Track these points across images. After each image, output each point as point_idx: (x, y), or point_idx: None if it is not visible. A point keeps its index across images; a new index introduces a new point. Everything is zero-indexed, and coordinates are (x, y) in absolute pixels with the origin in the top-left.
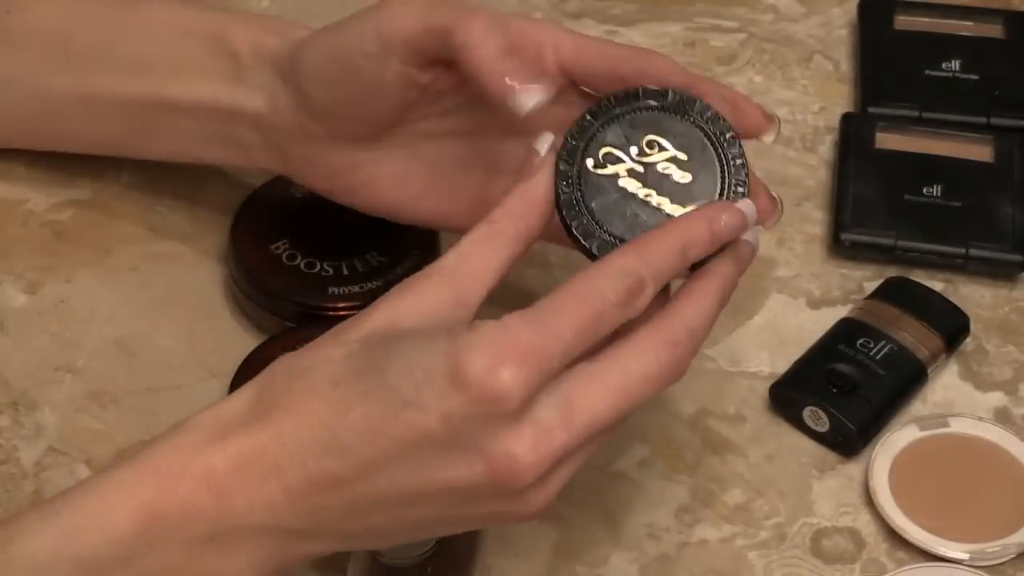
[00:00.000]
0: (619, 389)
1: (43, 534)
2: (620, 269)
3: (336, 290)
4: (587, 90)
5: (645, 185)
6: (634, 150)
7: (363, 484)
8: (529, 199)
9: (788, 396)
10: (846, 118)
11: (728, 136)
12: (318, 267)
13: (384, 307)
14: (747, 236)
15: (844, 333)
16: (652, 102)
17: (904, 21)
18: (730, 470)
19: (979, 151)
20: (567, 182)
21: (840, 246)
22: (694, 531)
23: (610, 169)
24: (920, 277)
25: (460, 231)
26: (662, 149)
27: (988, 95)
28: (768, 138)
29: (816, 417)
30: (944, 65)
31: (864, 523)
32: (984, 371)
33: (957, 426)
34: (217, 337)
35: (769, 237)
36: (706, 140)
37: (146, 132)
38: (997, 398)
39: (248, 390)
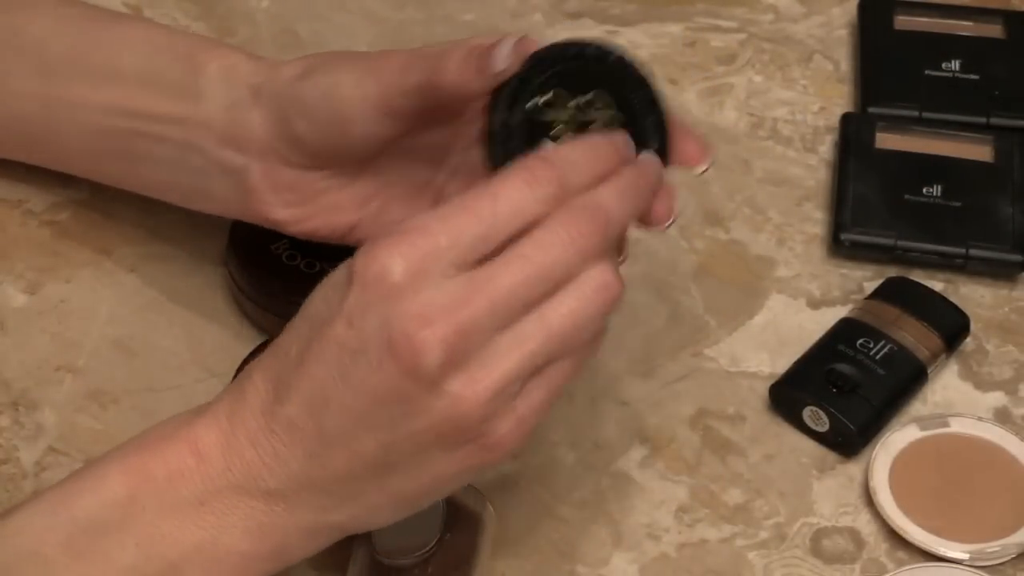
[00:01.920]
0: (519, 256)
1: (39, 504)
2: (522, 163)
3: None
4: None
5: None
6: (572, 103)
7: (310, 420)
8: None
9: (788, 396)
10: (846, 118)
11: (656, 105)
12: (318, 267)
13: None
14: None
15: (844, 333)
16: (592, 58)
17: (904, 21)
18: (730, 470)
19: (979, 151)
20: (503, 126)
21: (840, 246)
22: (694, 531)
23: (549, 115)
24: (920, 277)
25: None
26: (595, 111)
27: (988, 95)
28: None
29: (816, 417)
30: (944, 65)
31: (864, 523)
32: (984, 371)
33: (957, 426)
34: (217, 337)
35: (769, 237)
36: (644, 104)
37: (104, 152)
38: (997, 398)
39: None
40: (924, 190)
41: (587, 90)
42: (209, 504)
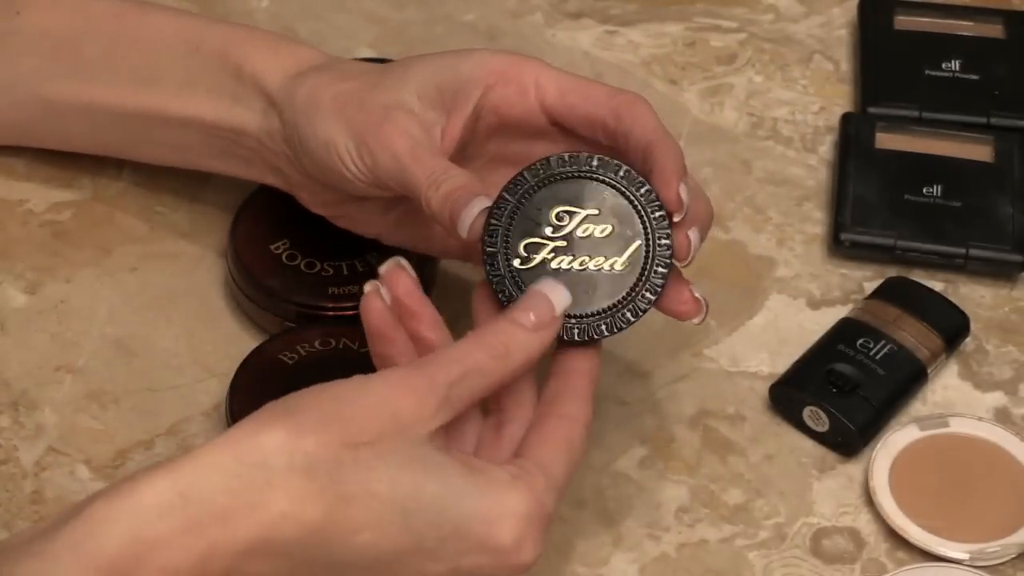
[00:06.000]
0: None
1: None
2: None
3: (336, 290)
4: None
5: (575, 256)
6: (548, 229)
7: None
8: None
9: (788, 396)
10: (846, 118)
11: (631, 176)
12: (318, 267)
13: (378, 405)
14: None
15: (844, 333)
16: (542, 174)
17: (904, 21)
18: (730, 470)
19: (979, 151)
20: (505, 292)
21: (840, 246)
22: (694, 531)
23: (537, 258)
24: (920, 277)
25: (435, 255)
26: (572, 215)
27: (988, 95)
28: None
29: (816, 417)
30: (944, 65)
31: (864, 523)
32: (984, 371)
33: (957, 426)
34: (217, 337)
35: (769, 237)
36: (607, 188)
37: (148, 142)
38: (997, 398)
39: (223, 467)
40: (924, 190)
41: (551, 206)
42: None
